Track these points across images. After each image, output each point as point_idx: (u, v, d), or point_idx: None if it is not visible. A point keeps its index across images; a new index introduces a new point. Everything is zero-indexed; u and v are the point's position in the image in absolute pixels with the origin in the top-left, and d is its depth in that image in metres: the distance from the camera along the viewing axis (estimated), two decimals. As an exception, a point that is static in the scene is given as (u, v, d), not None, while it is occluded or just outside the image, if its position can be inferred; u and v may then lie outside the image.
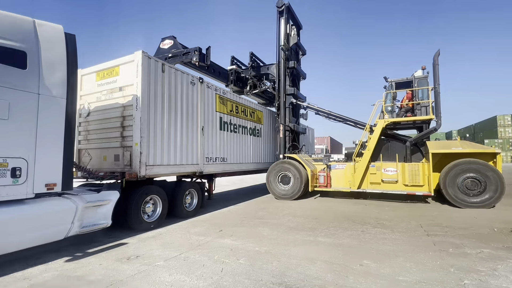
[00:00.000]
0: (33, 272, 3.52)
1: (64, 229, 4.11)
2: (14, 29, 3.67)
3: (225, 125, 8.49)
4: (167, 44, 9.17)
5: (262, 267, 3.57)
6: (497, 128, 32.77)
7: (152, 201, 5.90)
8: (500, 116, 32.84)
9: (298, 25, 11.63)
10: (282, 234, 5.14)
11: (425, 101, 8.93)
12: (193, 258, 3.94)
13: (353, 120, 10.46)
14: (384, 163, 8.85)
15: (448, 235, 4.86)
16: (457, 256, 3.82)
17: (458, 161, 7.61)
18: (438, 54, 8.48)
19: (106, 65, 6.15)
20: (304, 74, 12.04)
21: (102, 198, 4.79)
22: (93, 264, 3.76)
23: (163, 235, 5.24)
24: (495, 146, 27.94)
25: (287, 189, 9.46)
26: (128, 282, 3.17)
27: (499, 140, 31.97)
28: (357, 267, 3.52)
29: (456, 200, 7.42)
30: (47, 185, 3.91)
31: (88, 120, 6.33)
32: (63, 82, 4.15)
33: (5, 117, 3.48)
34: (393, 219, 6.20)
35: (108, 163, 5.90)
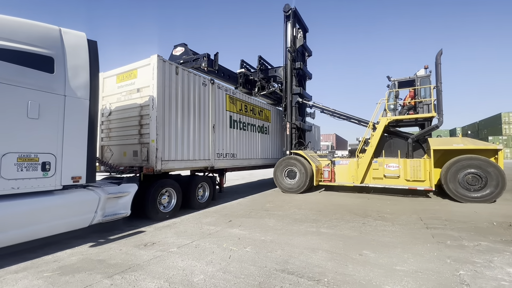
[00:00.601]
0: (61, 256, 3.70)
1: (89, 218, 4.28)
2: (43, 38, 3.83)
3: (234, 123, 8.55)
4: (179, 51, 9.31)
5: (267, 255, 3.62)
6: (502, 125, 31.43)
7: (167, 193, 6.04)
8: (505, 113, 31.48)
9: (304, 28, 11.51)
10: (287, 225, 5.17)
11: (427, 99, 8.69)
12: (204, 245, 4.03)
13: (357, 118, 10.30)
14: (386, 159, 8.70)
15: (447, 228, 4.76)
16: (455, 248, 3.75)
17: (459, 157, 7.40)
18: (441, 54, 8.21)
19: (125, 69, 6.31)
20: (310, 74, 11.93)
21: (122, 190, 4.95)
22: (114, 250, 3.91)
23: (177, 224, 5.37)
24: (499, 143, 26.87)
25: (293, 183, 9.46)
26: (145, 266, 3.29)
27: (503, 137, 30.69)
28: (357, 256, 3.52)
29: (457, 195, 7.23)
30: (73, 178, 4.08)
31: (110, 119, 6.52)
32: (86, 85, 4.30)
33: (36, 116, 3.65)
34: (394, 212, 6.12)
35: (128, 159, 6.08)
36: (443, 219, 5.36)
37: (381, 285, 2.73)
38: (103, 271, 3.15)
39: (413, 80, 9.14)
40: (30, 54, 3.66)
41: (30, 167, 3.59)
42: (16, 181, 3.46)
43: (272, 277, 2.95)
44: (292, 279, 2.89)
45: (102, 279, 2.95)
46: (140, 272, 3.11)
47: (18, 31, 3.57)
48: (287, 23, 10.49)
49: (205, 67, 8.28)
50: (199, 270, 3.15)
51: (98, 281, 2.91)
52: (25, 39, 3.62)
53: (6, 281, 2.95)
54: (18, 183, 3.48)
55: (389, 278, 2.89)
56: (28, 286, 2.83)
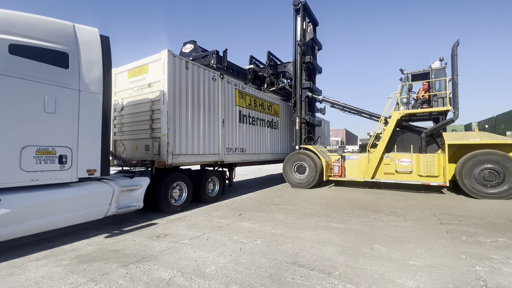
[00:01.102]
0: (78, 245, 3.84)
1: (104, 210, 4.41)
2: (58, 33, 3.91)
3: (244, 118, 8.55)
4: (188, 48, 9.33)
5: (277, 247, 3.64)
6: (521, 120, 30.18)
7: (178, 187, 6.14)
8: (524, 107, 30.19)
9: (314, 21, 11.30)
10: (296, 219, 5.17)
11: (442, 92, 8.42)
12: (215, 238, 4.09)
13: (368, 112, 10.11)
14: (398, 154, 8.52)
15: (462, 224, 4.64)
16: (470, 244, 3.66)
17: (476, 152, 7.16)
18: (457, 45, 7.91)
19: (136, 64, 6.39)
20: (320, 68, 11.75)
21: (135, 183, 5.06)
22: (128, 240, 4.02)
23: (188, 217, 5.46)
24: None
25: (302, 178, 9.42)
26: (158, 256, 3.37)
27: (522, 132, 29.50)
28: (368, 251, 3.49)
29: (472, 191, 7.02)
30: (88, 170, 4.20)
31: (122, 114, 6.65)
32: (100, 80, 4.38)
33: (53, 111, 3.76)
34: (407, 208, 6.01)
35: (140, 153, 6.20)
36: (457, 215, 5.23)
37: (393, 279, 2.70)
38: (119, 261, 3.25)
39: (427, 72, 8.87)
40: (46, 50, 3.76)
41: (48, 160, 3.71)
42: (35, 173, 3.59)
43: (283, 269, 2.96)
44: (303, 272, 2.90)
45: (118, 268, 3.04)
46: (154, 262, 3.19)
47: (34, 28, 3.67)
48: (296, 16, 10.34)
49: (214, 64, 8.29)
50: (211, 261, 3.20)
51: (114, 269, 3.01)
52: (41, 35, 3.71)
53: (28, 268, 3.09)
54: (37, 175, 3.62)
55: (402, 272, 2.85)
56: (49, 273, 2.95)
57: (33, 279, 2.80)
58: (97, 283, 2.71)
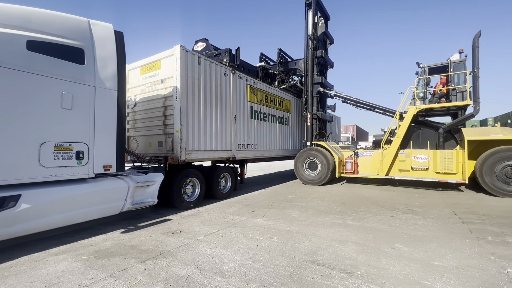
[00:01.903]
0: (96, 240, 3.87)
1: (119, 205, 4.44)
2: (73, 29, 3.90)
3: (255, 114, 8.46)
4: (200, 46, 9.27)
5: (294, 245, 3.57)
6: (541, 115, 28.91)
7: (191, 183, 6.14)
8: (545, 102, 28.86)
9: (326, 16, 11.03)
10: (311, 216, 5.08)
11: (462, 86, 8.09)
12: (230, 234, 4.05)
13: (382, 108, 9.83)
14: (414, 150, 8.28)
15: (486, 223, 4.45)
16: (498, 244, 3.49)
17: (498, 149, 6.86)
18: (479, 36, 7.55)
19: (149, 60, 6.37)
20: (332, 63, 11.49)
21: (149, 179, 5.07)
22: (144, 236, 4.03)
23: (202, 213, 5.45)
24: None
25: (314, 175, 9.29)
26: (175, 253, 3.35)
27: (542, 128, 28.28)
28: (389, 250, 3.37)
29: (493, 189, 6.75)
30: (104, 166, 4.22)
31: (135, 110, 6.67)
32: (114, 76, 4.37)
33: (70, 107, 3.77)
34: (424, 205, 5.82)
35: (153, 149, 6.21)
36: (480, 214, 5.02)
37: (420, 280, 2.59)
38: (136, 256, 3.25)
39: (445, 65, 8.53)
40: (62, 46, 3.76)
41: (65, 156, 3.74)
42: (53, 169, 3.62)
43: (303, 268, 2.89)
44: (324, 271, 2.82)
45: (136, 264, 3.04)
46: (171, 258, 3.18)
47: (51, 24, 3.67)
48: (308, 11, 10.12)
49: (227, 62, 8.21)
50: (228, 259, 3.16)
51: (132, 265, 3.01)
52: (57, 31, 3.71)
53: (48, 262, 3.13)
54: (56, 171, 3.65)
55: (428, 273, 2.73)
56: (69, 267, 2.97)
57: (54, 274, 2.83)
58: (117, 278, 2.71)
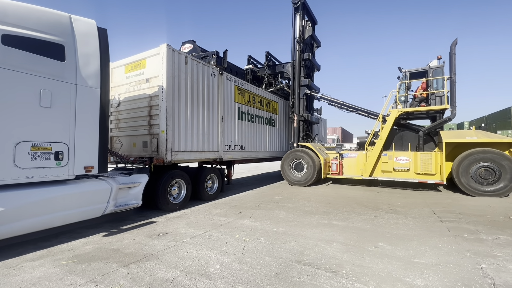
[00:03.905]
0: (76, 244, 3.71)
1: (101, 208, 4.28)
2: (53, 24, 3.74)
3: (243, 115, 8.45)
4: (187, 48, 9.16)
5: (281, 246, 3.58)
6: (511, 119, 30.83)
7: (177, 184, 6.02)
8: (514, 107, 30.80)
9: (313, 20, 11.22)
10: (297, 217, 5.13)
11: (440, 91, 8.47)
12: (217, 236, 4.00)
13: (366, 110, 10.12)
14: (396, 152, 8.56)
15: (462, 221, 4.67)
16: (473, 241, 3.67)
17: (472, 151, 7.23)
18: (456, 43, 7.95)
19: (134, 58, 6.21)
20: (318, 66, 11.69)
21: (133, 181, 4.93)
22: (127, 239, 3.91)
23: (188, 215, 5.36)
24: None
25: (300, 176, 9.39)
26: (160, 256, 3.27)
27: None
28: (373, 248, 3.46)
29: (468, 189, 7.10)
30: (85, 167, 4.06)
31: (119, 110, 6.47)
32: (97, 74, 4.22)
33: (48, 105, 3.61)
34: (406, 205, 6.03)
35: (137, 149, 6.05)
36: (457, 213, 5.26)
37: (401, 278, 2.67)
38: (119, 260, 3.14)
39: (425, 71, 8.90)
40: (41, 41, 3.59)
41: (43, 156, 3.56)
42: (30, 170, 3.44)
43: (289, 268, 2.91)
44: (310, 271, 2.85)
45: (119, 268, 2.93)
46: (156, 262, 3.10)
47: (28, 18, 3.49)
48: (295, 14, 10.24)
49: (214, 65, 8.14)
50: (214, 260, 3.12)
51: (114, 269, 2.90)
52: (35, 26, 3.54)
53: (23, 268, 2.96)
54: (32, 172, 3.47)
55: (409, 270, 2.83)
56: (46, 274, 2.83)
57: (29, 280, 2.68)
58: (98, 284, 2.60)
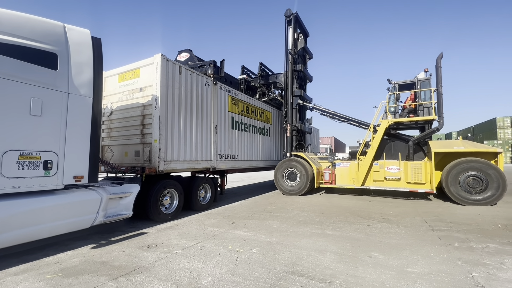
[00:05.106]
0: (62, 257, 3.57)
1: (90, 219, 4.16)
2: (47, 33, 3.73)
3: (236, 124, 8.49)
4: (183, 56, 9.24)
5: (274, 256, 3.54)
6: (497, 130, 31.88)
7: (169, 194, 5.93)
8: (499, 118, 31.94)
9: (305, 33, 11.55)
10: (291, 227, 5.10)
11: (428, 102, 8.73)
12: (209, 247, 3.93)
13: (357, 120, 10.31)
14: (387, 161, 8.70)
15: (453, 230, 4.73)
16: (464, 250, 3.71)
17: (460, 160, 7.41)
18: (441, 57, 8.28)
19: (128, 68, 6.22)
20: (311, 77, 11.94)
21: (124, 191, 4.83)
22: (117, 251, 3.80)
23: (180, 226, 5.26)
24: (494, 147, 27.13)
25: (293, 185, 9.39)
26: (150, 268, 3.18)
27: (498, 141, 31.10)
28: (366, 258, 3.45)
29: (458, 198, 7.23)
30: (75, 177, 3.97)
31: (111, 118, 6.41)
32: (90, 82, 4.20)
33: (39, 113, 3.55)
34: (398, 214, 6.08)
35: (129, 159, 5.96)
36: (447, 221, 5.34)
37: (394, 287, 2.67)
38: (107, 273, 3.04)
39: (413, 83, 9.19)
40: (34, 50, 3.56)
41: (31, 166, 3.47)
42: (17, 180, 3.34)
43: (283, 279, 2.87)
44: (303, 281, 2.81)
45: (107, 281, 2.83)
46: (146, 274, 3.01)
47: (22, 26, 3.48)
48: (288, 27, 10.51)
49: (211, 74, 8.21)
50: (207, 272, 3.05)
51: (102, 283, 2.80)
52: (29, 35, 3.53)
53: (6, 283, 2.82)
54: (19, 182, 3.36)
55: (402, 280, 2.83)
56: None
57: (11, 296, 2.55)
58: (85, 298, 2.50)
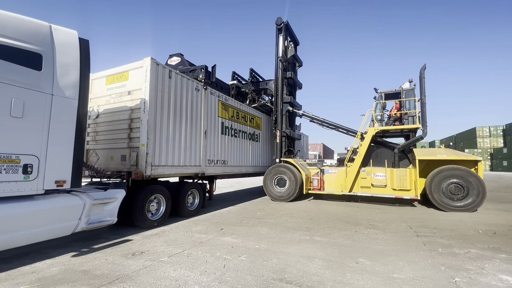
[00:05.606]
0: (40, 266, 3.40)
1: (72, 225, 3.99)
2: (32, 33, 3.63)
3: (226, 129, 8.46)
4: (174, 60, 9.18)
5: (262, 263, 3.50)
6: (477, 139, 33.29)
7: (156, 200, 5.80)
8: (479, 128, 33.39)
9: (295, 41, 11.76)
10: (280, 233, 5.08)
11: (412, 111, 9.03)
12: (196, 254, 3.85)
13: (345, 128, 10.50)
14: (374, 168, 8.87)
15: (436, 236, 4.85)
16: (447, 255, 3.80)
17: (443, 168, 7.66)
18: (424, 68, 8.62)
19: (116, 70, 6.11)
20: (300, 84, 12.12)
21: (109, 196, 4.68)
22: (99, 259, 3.65)
23: (166, 232, 5.13)
24: (474, 155, 28.24)
25: (283, 191, 9.40)
26: (134, 277, 3.07)
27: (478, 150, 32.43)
28: (353, 264, 3.47)
29: (441, 204, 7.44)
30: (57, 182, 3.81)
31: (97, 122, 6.24)
32: (76, 84, 4.09)
33: (20, 115, 3.41)
34: (384, 220, 6.18)
35: (115, 163, 5.80)
36: (431, 227, 5.47)
37: (381, 294, 2.69)
38: (88, 283, 2.91)
39: (398, 92, 9.49)
40: (17, 50, 3.45)
41: (10, 170, 3.31)
42: (-7, 184, 3.17)
43: (271, 287, 2.83)
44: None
45: (87, 292, 2.71)
46: (129, 283, 2.90)
47: (5, 25, 3.36)
48: (279, 35, 10.68)
49: (202, 79, 8.19)
50: (193, 281, 2.98)
51: (82, 293, 2.68)
52: (12, 34, 3.41)
53: (-24, 295, 2.65)
54: (-4, 187, 3.20)
55: (388, 286, 2.86)
56: (3, 300, 2.55)
57: (-18, 309, 2.39)
58: (63, 310, 2.38)
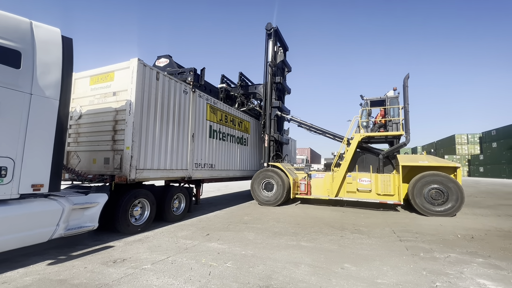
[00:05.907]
0: (12, 276, 3.19)
1: (49, 231, 3.79)
2: (9, 29, 3.45)
3: (214, 133, 8.38)
4: (162, 62, 9.05)
5: (248, 270, 3.46)
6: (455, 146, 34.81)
7: (140, 204, 5.63)
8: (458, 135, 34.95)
9: (284, 46, 11.90)
10: (267, 238, 5.05)
11: (396, 119, 9.31)
12: (181, 261, 3.75)
13: (332, 133, 10.68)
14: (359, 173, 9.05)
15: (418, 240, 4.98)
16: (428, 260, 3.91)
17: (424, 174, 7.93)
18: (408, 77, 8.94)
19: (101, 70, 5.93)
20: (289, 89, 12.25)
21: (90, 201, 4.49)
22: (77, 268, 3.48)
23: (150, 238, 4.98)
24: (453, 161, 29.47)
25: (270, 196, 9.40)
26: (114, 286, 2.94)
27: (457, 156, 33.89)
28: (339, 270, 3.50)
29: (423, 209, 7.67)
30: (33, 185, 3.62)
31: (79, 123, 6.02)
32: (57, 84, 3.93)
33: (-6, 115, 3.22)
34: (369, 225, 6.29)
35: (98, 166, 5.60)
36: (414, 232, 5.62)
37: (365, 300, 2.71)
38: (65, 293, 2.76)
39: (383, 100, 9.77)
40: (-7, 46, 3.27)
41: (-19, 173, 3.11)
42: (-38, 188, 2.97)
43: (257, 294, 2.80)
44: (277, 296, 2.76)
45: (63, 303, 2.57)
46: (109, 293, 2.77)
47: (-20, 20, 3.19)
48: (268, 40, 10.77)
49: (191, 82, 8.09)
50: (177, 289, 2.89)
51: (58, 305, 2.53)
52: (-12, 29, 3.24)
53: None
54: (-35, 191, 2.99)
55: (372, 291, 2.89)
56: (-32, 314, 2.36)
57: None
58: (35, 323, 2.23)
